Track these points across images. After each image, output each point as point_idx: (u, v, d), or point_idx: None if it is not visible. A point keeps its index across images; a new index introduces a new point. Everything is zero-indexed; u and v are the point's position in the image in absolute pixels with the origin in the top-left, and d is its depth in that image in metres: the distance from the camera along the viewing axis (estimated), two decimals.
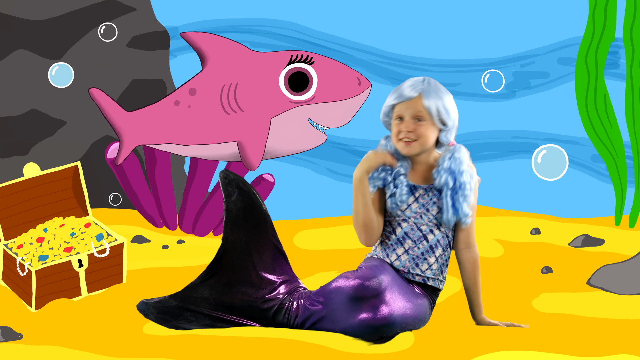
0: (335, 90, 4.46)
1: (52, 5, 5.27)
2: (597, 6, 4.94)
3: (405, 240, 3.37)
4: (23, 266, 3.81)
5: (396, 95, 3.37)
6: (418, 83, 3.36)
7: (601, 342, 3.24)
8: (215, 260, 3.39)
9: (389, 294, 3.20)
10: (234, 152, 4.51)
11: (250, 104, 4.48)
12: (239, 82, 4.46)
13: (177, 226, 4.95)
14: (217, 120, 4.51)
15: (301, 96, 4.42)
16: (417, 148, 3.36)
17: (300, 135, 4.52)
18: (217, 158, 4.55)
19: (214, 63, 4.49)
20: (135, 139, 4.56)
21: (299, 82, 4.41)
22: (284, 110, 4.48)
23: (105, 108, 4.57)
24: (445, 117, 3.36)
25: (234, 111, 4.45)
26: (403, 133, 3.34)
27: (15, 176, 4.13)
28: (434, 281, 3.38)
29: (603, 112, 4.99)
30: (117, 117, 4.57)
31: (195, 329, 3.34)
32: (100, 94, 4.55)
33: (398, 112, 3.36)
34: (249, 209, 3.41)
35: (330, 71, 4.46)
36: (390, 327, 3.19)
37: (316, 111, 4.48)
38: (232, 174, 3.44)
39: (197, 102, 4.51)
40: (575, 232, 4.81)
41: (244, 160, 4.46)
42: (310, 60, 4.39)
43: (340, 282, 3.23)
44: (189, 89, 4.51)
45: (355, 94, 4.46)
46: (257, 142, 4.46)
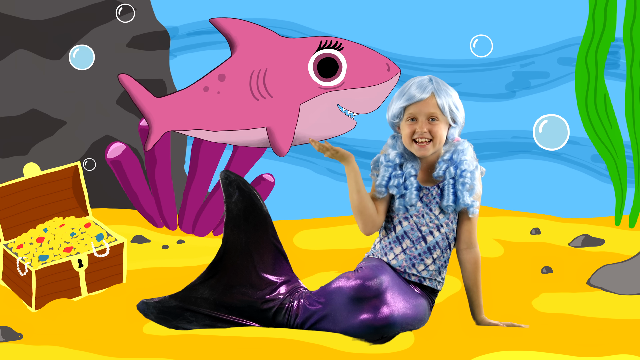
0: (364, 76, 4.44)
1: (52, 5, 5.27)
2: (597, 6, 4.94)
3: (403, 240, 3.37)
4: (23, 266, 3.81)
5: (407, 96, 3.36)
6: (427, 83, 3.36)
7: (601, 342, 3.24)
8: (215, 260, 3.39)
9: (390, 294, 3.20)
10: (263, 138, 4.50)
11: (279, 89, 4.46)
12: (268, 68, 4.45)
13: (177, 226, 4.95)
14: (246, 106, 4.50)
15: (330, 82, 4.40)
16: (431, 149, 3.36)
17: (329, 121, 4.51)
18: (246, 144, 4.54)
19: (243, 49, 4.48)
20: (164, 124, 4.54)
21: (328, 68, 4.40)
22: (313, 96, 4.47)
23: (135, 94, 4.55)
24: (456, 114, 3.38)
25: (263, 97, 4.43)
26: (418, 134, 3.33)
27: (15, 176, 4.13)
28: (431, 282, 3.38)
29: (603, 112, 4.99)
30: (146, 103, 4.55)
31: (195, 329, 3.34)
32: (130, 79, 4.53)
33: (411, 113, 3.35)
34: (250, 210, 3.41)
35: (359, 57, 4.44)
36: (391, 328, 3.19)
37: (345, 97, 4.46)
38: (233, 174, 3.44)
39: (226, 88, 4.50)
40: (575, 232, 4.81)
41: (273, 146, 4.45)
42: (339, 46, 4.37)
43: (340, 283, 3.23)
44: (218, 74, 4.49)
45: (384, 79, 4.45)
46: (287, 128, 4.44)
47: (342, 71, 4.37)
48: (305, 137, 4.48)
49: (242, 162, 4.81)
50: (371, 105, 4.51)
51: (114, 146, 4.75)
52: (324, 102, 4.43)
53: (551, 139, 3.19)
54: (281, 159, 5.26)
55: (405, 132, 3.36)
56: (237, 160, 4.81)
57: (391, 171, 3.38)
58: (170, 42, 5.29)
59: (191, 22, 5.27)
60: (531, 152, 5.26)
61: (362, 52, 4.45)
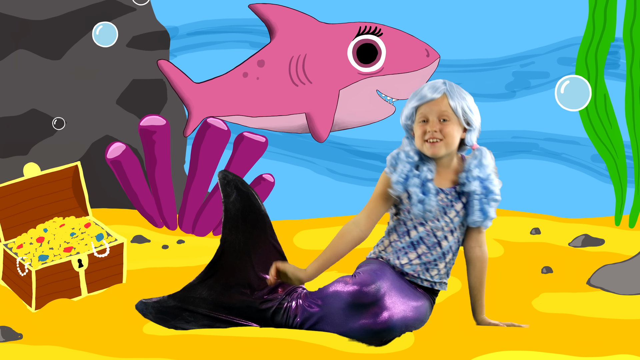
0: (403, 61, 4.44)
1: (52, 5, 5.27)
2: (597, 6, 4.94)
3: (419, 245, 3.35)
4: (23, 266, 3.81)
5: (419, 97, 3.32)
6: (439, 84, 3.33)
7: (601, 342, 3.24)
8: (213, 260, 3.39)
9: (388, 300, 3.19)
10: (302, 124, 4.50)
11: (318, 75, 4.47)
12: (308, 54, 4.45)
13: (177, 226, 4.95)
14: (285, 92, 4.50)
15: (370, 68, 4.41)
16: (443, 149, 3.31)
17: (368, 107, 4.51)
18: (285, 130, 4.55)
19: (283, 35, 4.48)
20: (203, 110, 4.54)
21: (368, 54, 4.40)
22: (352, 82, 4.47)
23: (174, 79, 4.56)
24: (470, 117, 3.33)
25: (302, 83, 4.44)
26: (429, 134, 3.29)
27: (15, 176, 4.13)
28: (440, 285, 3.38)
29: (603, 112, 4.99)
30: (185, 88, 4.55)
31: (194, 329, 3.34)
32: (169, 65, 4.53)
33: (422, 113, 3.31)
34: (248, 210, 3.41)
35: (398, 43, 4.44)
36: (391, 332, 3.18)
37: (385, 83, 4.46)
38: (231, 174, 3.44)
39: (266, 74, 4.51)
40: (575, 232, 4.81)
41: (313, 132, 4.46)
42: (378, 32, 4.38)
43: (338, 287, 3.22)
44: (258, 60, 4.50)
45: (423, 65, 4.45)
46: (326, 114, 4.45)
47: (381, 57, 4.36)
48: (344, 123, 4.47)
49: (242, 162, 4.81)
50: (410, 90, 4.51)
51: (114, 146, 4.75)
52: (363, 88, 4.43)
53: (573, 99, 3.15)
54: (281, 159, 5.27)
55: (417, 133, 3.32)
56: (237, 160, 4.81)
57: (409, 168, 3.31)
58: (170, 42, 5.29)
59: (191, 22, 5.27)
60: (531, 152, 5.26)
61: (402, 37, 4.44)
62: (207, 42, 5.26)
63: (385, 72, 4.44)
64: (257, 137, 4.81)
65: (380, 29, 4.40)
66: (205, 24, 5.28)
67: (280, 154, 5.25)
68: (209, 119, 4.79)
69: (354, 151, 5.24)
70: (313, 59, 4.44)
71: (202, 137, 4.79)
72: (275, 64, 4.48)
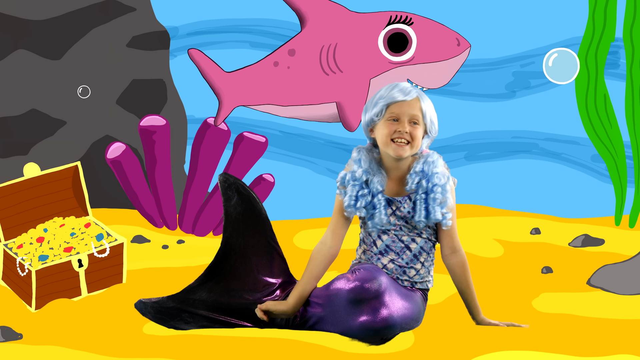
0: (434, 50, 4.43)
1: (52, 5, 5.27)
2: (597, 6, 4.94)
3: (388, 252, 3.35)
4: (23, 266, 3.81)
5: (391, 96, 3.29)
6: (410, 88, 3.32)
7: (601, 342, 3.24)
8: (213, 263, 3.39)
9: (388, 296, 3.19)
10: (332, 113, 4.49)
11: (349, 64, 4.46)
12: (338, 43, 4.45)
13: (177, 226, 4.95)
14: (316, 81, 4.49)
15: (400, 57, 4.40)
16: (408, 151, 3.30)
17: None
18: (316, 119, 4.53)
19: (313, 24, 4.48)
20: (234, 99, 4.53)
21: (399, 43, 4.39)
22: (383, 71, 4.46)
23: (205, 69, 4.55)
24: (431, 125, 3.34)
25: (333, 72, 4.43)
26: (398, 134, 3.27)
27: (15, 176, 4.13)
28: (422, 284, 3.37)
29: (603, 112, 4.99)
30: (216, 78, 4.54)
31: (193, 329, 3.34)
32: (199, 54, 4.52)
33: (394, 112, 3.29)
34: (249, 213, 3.41)
35: (429, 32, 4.43)
36: (391, 329, 3.18)
37: (415, 72, 4.45)
38: (232, 177, 3.44)
39: (296, 63, 4.50)
40: (575, 232, 4.81)
41: (343, 122, 4.45)
42: (409, 21, 4.37)
43: (339, 284, 3.22)
44: (288, 49, 4.49)
45: (454, 54, 4.44)
46: (357, 103, 4.44)
47: (412, 46, 4.35)
48: None
49: (242, 162, 4.81)
50: (441, 80, 4.50)
51: (114, 146, 4.75)
52: (394, 77, 4.42)
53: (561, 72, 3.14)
54: (281, 159, 5.27)
55: (385, 131, 3.29)
56: (237, 160, 4.81)
57: (358, 190, 3.31)
58: (170, 42, 5.29)
59: (191, 22, 5.27)
60: (531, 152, 5.25)
61: (432, 27, 4.44)
62: (207, 42, 5.26)
63: (416, 61, 4.44)
64: (257, 137, 4.81)
65: (411, 18, 4.40)
66: (205, 24, 5.27)
67: (280, 154, 5.25)
68: (209, 118, 4.79)
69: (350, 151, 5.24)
70: (344, 48, 4.44)
71: (202, 137, 4.79)
72: (306, 53, 4.48)
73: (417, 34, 4.40)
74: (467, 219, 4.95)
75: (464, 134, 5.21)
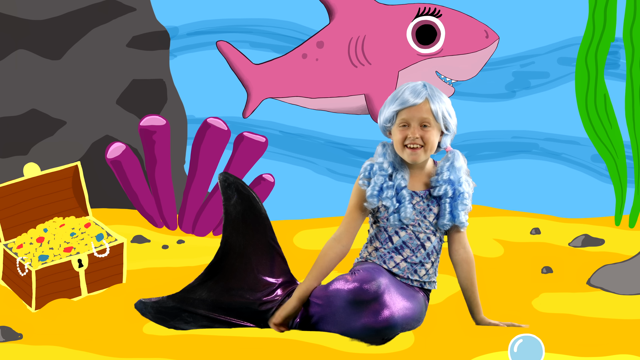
0: (463, 43, 4.44)
1: (52, 5, 5.27)
2: (597, 6, 4.94)
3: (403, 249, 3.35)
4: (23, 266, 3.81)
5: (400, 101, 3.29)
6: (420, 88, 3.30)
7: (601, 342, 3.24)
8: (213, 262, 3.39)
9: (388, 296, 3.19)
10: (361, 105, 4.49)
11: (377, 56, 4.46)
12: (367, 35, 4.45)
13: (177, 226, 4.95)
14: (344, 73, 4.49)
15: (429, 49, 4.41)
16: (422, 155, 3.31)
17: None
18: (344, 111, 4.53)
19: (342, 16, 4.48)
20: (262, 91, 4.53)
21: (427, 35, 4.39)
22: (411, 63, 4.46)
23: (233, 61, 4.55)
24: (448, 121, 3.33)
25: (361, 64, 4.44)
26: (410, 139, 3.29)
27: (15, 176, 4.13)
28: (430, 284, 3.38)
29: (603, 112, 4.99)
30: (244, 69, 4.55)
31: (193, 329, 3.34)
32: (228, 46, 4.53)
33: (404, 118, 3.29)
34: (248, 212, 3.41)
35: (458, 24, 4.43)
36: (392, 329, 3.18)
37: (444, 64, 4.46)
38: (232, 177, 3.43)
39: (325, 55, 4.50)
40: (575, 232, 4.81)
41: (372, 114, 4.45)
42: (438, 13, 4.38)
43: (338, 285, 3.22)
44: (317, 41, 4.50)
45: (483, 46, 4.45)
46: (385, 96, 4.45)
47: (440, 38, 4.36)
48: None
49: (242, 162, 4.81)
50: (470, 72, 4.50)
51: (114, 146, 4.75)
52: (423, 69, 4.42)
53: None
54: (281, 158, 5.27)
55: (397, 137, 3.31)
56: (237, 160, 4.81)
57: (383, 180, 3.32)
58: (170, 42, 5.29)
59: (191, 22, 5.27)
60: (531, 152, 5.25)
61: (461, 19, 4.44)
62: (207, 42, 5.26)
63: (444, 54, 4.45)
64: (257, 137, 4.81)
65: (439, 10, 4.41)
66: (205, 24, 5.27)
67: (280, 154, 5.25)
68: (209, 118, 4.79)
69: (354, 151, 5.24)
70: (372, 40, 4.44)
71: (202, 137, 4.79)
72: (334, 45, 4.49)
73: (446, 26, 4.41)
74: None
75: (464, 134, 5.21)
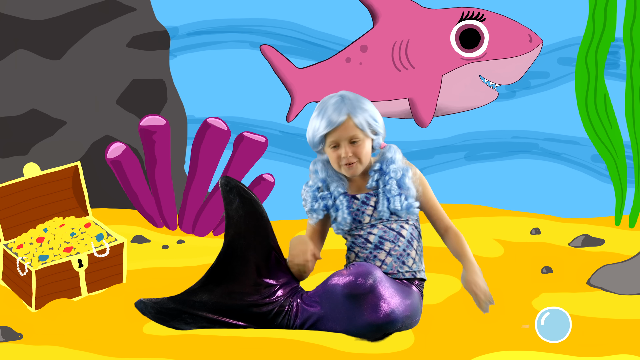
0: (506, 47, 4.44)
1: (52, 5, 5.27)
2: (597, 6, 4.94)
3: (383, 244, 3.39)
4: (23, 266, 3.81)
5: (325, 123, 3.35)
6: (339, 104, 3.36)
7: (601, 342, 3.24)
8: (214, 265, 3.39)
9: (383, 289, 3.21)
10: (404, 109, 4.50)
11: (421, 60, 4.46)
12: (410, 39, 4.45)
13: (177, 226, 4.95)
14: (388, 77, 4.49)
15: (472, 53, 4.41)
16: (360, 168, 3.40)
17: (471, 92, 4.50)
18: (388, 115, 4.53)
19: (385, 20, 4.48)
20: (306, 96, 4.54)
21: (471, 39, 4.40)
22: (455, 67, 4.47)
23: (277, 65, 4.56)
24: (375, 126, 3.40)
25: (405, 68, 4.44)
26: (344, 159, 3.37)
27: (15, 176, 4.13)
28: (420, 273, 3.41)
29: (603, 112, 4.99)
30: (288, 74, 4.55)
31: (193, 329, 3.34)
32: (272, 50, 4.53)
33: (332, 140, 3.37)
34: (250, 216, 3.41)
35: (501, 28, 4.44)
36: (393, 324, 3.20)
37: (488, 68, 4.46)
38: (233, 180, 3.43)
39: (369, 59, 4.50)
40: (575, 232, 4.81)
41: (416, 118, 4.45)
42: (481, 17, 4.38)
43: (334, 280, 3.25)
44: (360, 45, 4.50)
45: (526, 50, 4.45)
46: (429, 100, 4.45)
47: (484, 42, 4.36)
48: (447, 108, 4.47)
49: (242, 162, 4.81)
50: (513, 76, 4.50)
51: (114, 146, 4.75)
52: (466, 73, 4.42)
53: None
54: (280, 158, 5.27)
55: (332, 157, 3.40)
56: (237, 160, 4.81)
57: (312, 197, 3.44)
58: (170, 42, 5.29)
59: (191, 22, 5.27)
60: (531, 152, 5.25)
61: (504, 23, 4.44)
62: (207, 42, 5.26)
63: (488, 58, 4.46)
64: (257, 137, 4.81)
65: (483, 14, 4.41)
66: (205, 24, 5.27)
67: (280, 154, 5.25)
68: (209, 118, 4.79)
69: None
70: (416, 44, 4.45)
71: (202, 137, 4.79)
72: (378, 49, 4.49)
73: (490, 30, 4.42)
74: (467, 219, 4.95)
75: (464, 134, 5.21)
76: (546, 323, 3.08)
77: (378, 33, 4.48)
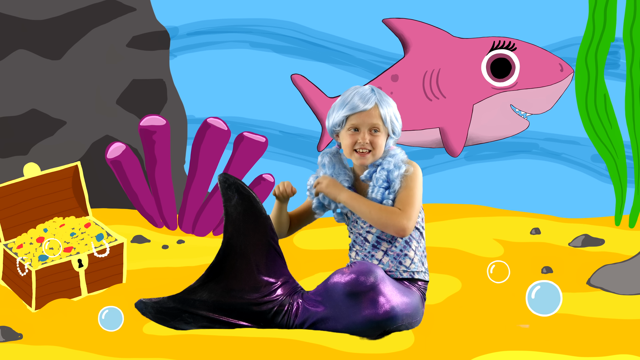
0: (537, 76, 4.44)
1: (52, 5, 5.27)
2: (597, 6, 4.94)
3: (380, 244, 3.40)
4: (23, 266, 3.81)
5: (350, 106, 3.37)
6: (369, 93, 3.39)
7: (601, 342, 3.24)
8: (214, 263, 3.39)
9: (385, 288, 3.21)
10: (436, 139, 4.50)
11: (452, 90, 4.47)
12: (441, 69, 4.46)
13: (177, 226, 4.95)
14: (419, 107, 4.50)
15: (503, 82, 4.42)
16: (371, 159, 3.40)
17: (502, 121, 4.51)
18: (419, 144, 4.54)
19: (416, 49, 4.49)
20: None
21: (502, 69, 4.40)
22: (486, 97, 4.47)
23: (307, 94, 4.57)
24: (395, 125, 3.42)
25: (436, 97, 4.45)
26: (360, 144, 3.38)
27: (15, 176, 4.13)
28: (419, 274, 3.40)
29: (603, 112, 4.99)
30: (319, 102, 4.56)
31: (193, 329, 3.34)
32: (303, 80, 4.54)
33: (353, 123, 3.38)
34: (249, 213, 3.41)
35: (532, 57, 4.44)
36: (393, 321, 3.20)
37: (518, 97, 4.46)
38: (232, 177, 3.44)
39: (400, 89, 4.51)
40: (575, 232, 4.81)
41: (447, 147, 4.46)
42: (512, 47, 4.39)
43: (335, 278, 3.25)
44: (392, 75, 4.50)
45: (557, 80, 4.46)
46: (460, 129, 4.46)
47: (515, 71, 4.37)
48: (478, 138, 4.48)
49: (242, 162, 4.81)
50: (545, 105, 4.50)
51: (114, 146, 4.75)
52: (497, 102, 4.43)
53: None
54: (281, 159, 5.27)
55: (347, 142, 3.40)
56: (237, 160, 4.82)
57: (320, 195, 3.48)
58: (170, 42, 5.30)
59: (191, 22, 5.27)
60: (531, 152, 5.25)
61: (535, 52, 4.45)
62: (207, 42, 5.26)
63: (519, 87, 4.47)
64: (257, 137, 4.81)
65: (514, 44, 4.43)
66: (205, 24, 5.28)
67: (280, 154, 5.25)
68: (209, 118, 4.79)
69: None
70: (447, 73, 4.46)
71: (202, 137, 4.79)
72: (409, 79, 4.50)
73: (520, 60, 4.43)
74: (467, 219, 4.95)
75: None
76: (537, 296, 3.07)
77: (409, 62, 4.49)
